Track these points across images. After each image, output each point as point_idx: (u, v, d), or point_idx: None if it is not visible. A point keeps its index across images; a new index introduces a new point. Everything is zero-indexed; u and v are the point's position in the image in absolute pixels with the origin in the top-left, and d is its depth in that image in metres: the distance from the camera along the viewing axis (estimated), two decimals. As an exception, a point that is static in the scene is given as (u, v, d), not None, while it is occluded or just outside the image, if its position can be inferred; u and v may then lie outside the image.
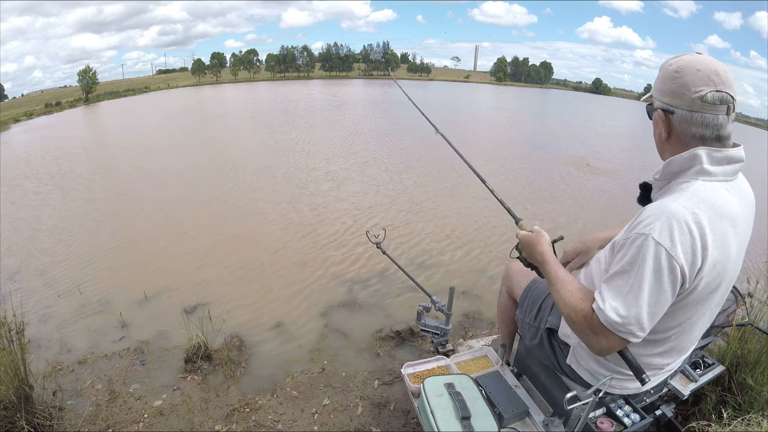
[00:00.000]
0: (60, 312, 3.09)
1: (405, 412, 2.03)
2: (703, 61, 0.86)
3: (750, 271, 3.48)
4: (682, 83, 0.86)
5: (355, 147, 9.79)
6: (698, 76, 0.85)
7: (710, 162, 0.87)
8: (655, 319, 0.88)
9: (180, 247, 4.29)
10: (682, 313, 0.93)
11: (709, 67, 0.85)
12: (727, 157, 0.88)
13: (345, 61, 79.86)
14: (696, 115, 0.86)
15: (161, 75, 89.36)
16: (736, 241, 0.89)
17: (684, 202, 0.84)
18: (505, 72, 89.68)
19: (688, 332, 1.00)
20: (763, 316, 1.75)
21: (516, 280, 1.54)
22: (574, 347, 1.16)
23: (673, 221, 0.82)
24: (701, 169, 0.87)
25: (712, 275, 0.87)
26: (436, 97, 31.88)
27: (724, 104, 0.85)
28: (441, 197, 6.00)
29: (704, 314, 0.98)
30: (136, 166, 8.24)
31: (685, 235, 0.82)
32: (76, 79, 46.18)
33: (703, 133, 0.87)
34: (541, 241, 1.10)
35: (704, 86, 0.84)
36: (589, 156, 10.09)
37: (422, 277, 3.54)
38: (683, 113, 0.87)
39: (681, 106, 0.87)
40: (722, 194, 0.87)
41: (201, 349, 2.38)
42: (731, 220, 0.87)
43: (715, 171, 0.87)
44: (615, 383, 1.10)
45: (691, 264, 0.83)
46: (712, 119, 0.86)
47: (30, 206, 5.82)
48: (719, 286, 0.92)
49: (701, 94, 0.84)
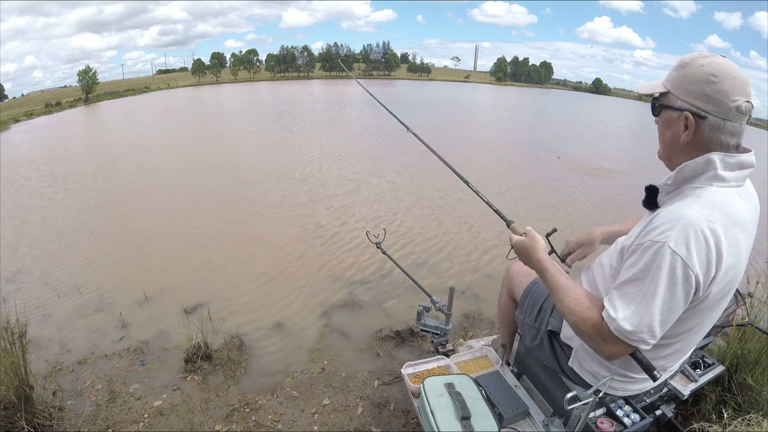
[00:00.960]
0: (60, 312, 3.09)
1: (405, 412, 2.03)
2: (736, 69, 0.84)
3: (750, 271, 3.48)
4: (719, 89, 0.83)
5: (349, 149, 9.78)
6: (735, 84, 0.83)
7: (724, 167, 0.86)
8: (666, 326, 0.87)
9: (180, 247, 4.28)
10: (692, 319, 0.93)
11: (743, 77, 0.84)
12: (740, 163, 0.87)
13: (345, 61, 79.84)
14: (728, 124, 0.85)
15: (161, 75, 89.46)
16: (746, 246, 0.89)
17: (699, 209, 0.83)
18: (505, 72, 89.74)
19: (695, 336, 1.00)
20: (763, 316, 1.75)
21: (516, 281, 1.53)
22: (577, 350, 1.16)
23: (690, 230, 0.81)
24: (715, 174, 0.86)
25: (724, 282, 0.87)
26: (435, 97, 31.88)
27: (748, 114, 0.85)
28: (441, 197, 6.00)
29: (713, 318, 0.99)
30: (139, 166, 8.24)
31: (701, 244, 0.81)
32: (76, 79, 46.25)
33: (729, 142, 0.86)
34: (536, 248, 1.08)
35: (740, 96, 0.83)
36: (600, 155, 10.11)
37: (422, 277, 3.54)
38: (716, 120, 0.84)
39: (715, 112, 0.84)
40: (735, 201, 0.87)
41: (201, 349, 2.38)
42: (743, 226, 0.87)
43: (729, 177, 0.86)
44: (617, 385, 1.10)
45: (706, 272, 0.83)
46: (738, 128, 0.86)
47: (30, 206, 5.82)
48: (730, 292, 0.93)
49: (738, 104, 0.83)
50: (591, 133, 15.82)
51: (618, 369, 1.07)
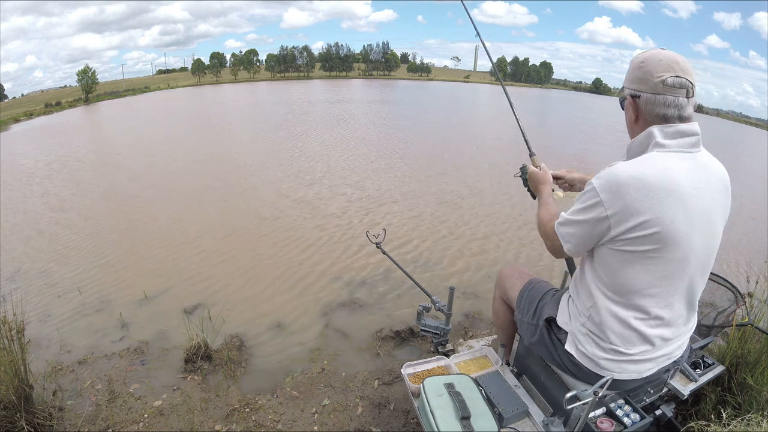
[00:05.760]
0: (60, 312, 3.09)
1: (405, 412, 2.03)
2: (666, 54, 0.99)
3: (750, 271, 3.48)
4: (646, 70, 0.99)
5: (348, 147, 9.79)
6: (660, 65, 0.98)
7: (663, 137, 0.99)
8: (579, 239, 1.07)
9: (180, 247, 4.28)
10: (637, 270, 1.01)
11: (670, 57, 0.98)
12: (679, 131, 0.99)
13: (345, 61, 79.88)
14: (659, 97, 0.98)
15: (161, 75, 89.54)
16: (682, 206, 0.95)
17: (627, 163, 1.00)
18: (505, 72, 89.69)
19: (663, 300, 1.04)
20: (763, 316, 1.75)
21: (509, 284, 1.55)
22: (572, 333, 1.17)
23: (612, 175, 0.98)
24: (656, 143, 0.99)
25: (647, 230, 0.95)
26: (435, 96, 31.88)
27: (684, 88, 0.97)
28: (441, 198, 6.00)
29: (671, 282, 1.02)
30: (140, 167, 8.24)
31: (615, 186, 0.96)
32: (76, 79, 46.26)
33: (666, 113, 0.99)
34: (547, 179, 1.42)
35: (665, 72, 0.97)
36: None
37: (422, 277, 3.54)
38: (648, 96, 1.00)
39: (646, 90, 1.00)
40: (670, 162, 0.97)
41: (201, 349, 2.38)
42: (674, 184, 0.95)
43: (669, 144, 0.99)
44: (613, 366, 1.10)
45: (617, 210, 0.96)
46: (674, 100, 0.98)
47: (30, 206, 5.83)
48: (668, 249, 0.97)
49: (663, 78, 0.97)
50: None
51: (611, 346, 1.08)
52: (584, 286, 1.13)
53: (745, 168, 10.72)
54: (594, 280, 1.10)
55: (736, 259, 4.04)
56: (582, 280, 1.15)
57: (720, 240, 1.06)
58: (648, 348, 1.08)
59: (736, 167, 9.06)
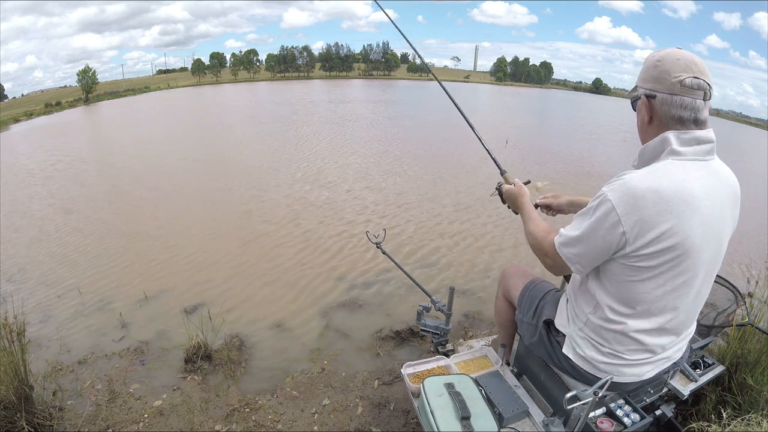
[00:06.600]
0: (60, 312, 3.09)
1: (405, 412, 2.03)
2: (683, 53, 0.95)
3: (750, 271, 3.48)
4: (663, 70, 0.94)
5: (347, 148, 9.78)
6: (678, 64, 0.93)
7: (680, 143, 0.94)
8: (588, 257, 1.01)
9: (180, 247, 4.28)
10: (647, 285, 0.97)
11: (688, 57, 0.94)
12: (695, 138, 0.94)
13: (345, 61, 79.88)
14: (676, 98, 0.93)
15: (161, 75, 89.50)
16: (698, 218, 0.92)
17: (643, 173, 0.94)
18: (505, 72, 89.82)
19: (670, 312, 1.02)
20: (763, 316, 1.75)
21: (512, 282, 1.54)
22: (570, 336, 1.17)
23: (627, 186, 0.93)
24: (672, 150, 0.94)
25: (663, 244, 0.92)
26: (433, 96, 31.88)
27: (701, 90, 0.92)
28: (441, 198, 6.00)
29: (679, 294, 0.99)
30: (140, 167, 8.24)
31: (632, 200, 0.91)
32: (76, 79, 46.28)
33: (682, 115, 0.94)
34: (522, 193, 1.38)
35: (683, 72, 0.92)
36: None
37: (422, 277, 3.54)
38: (664, 96, 0.94)
39: (662, 90, 0.94)
40: (686, 172, 0.93)
41: (201, 349, 2.38)
42: (690, 196, 0.91)
43: (685, 151, 0.94)
44: (612, 369, 1.09)
45: (633, 225, 0.91)
46: (690, 102, 0.93)
47: (30, 206, 5.83)
48: (682, 262, 0.95)
49: (680, 79, 0.92)
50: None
51: (610, 350, 1.07)
52: (584, 291, 1.12)
53: (746, 168, 10.76)
54: (598, 288, 1.07)
55: (736, 259, 4.04)
56: (582, 284, 1.13)
57: (726, 249, 1.03)
58: (649, 355, 1.08)
59: (736, 167, 8.98)
